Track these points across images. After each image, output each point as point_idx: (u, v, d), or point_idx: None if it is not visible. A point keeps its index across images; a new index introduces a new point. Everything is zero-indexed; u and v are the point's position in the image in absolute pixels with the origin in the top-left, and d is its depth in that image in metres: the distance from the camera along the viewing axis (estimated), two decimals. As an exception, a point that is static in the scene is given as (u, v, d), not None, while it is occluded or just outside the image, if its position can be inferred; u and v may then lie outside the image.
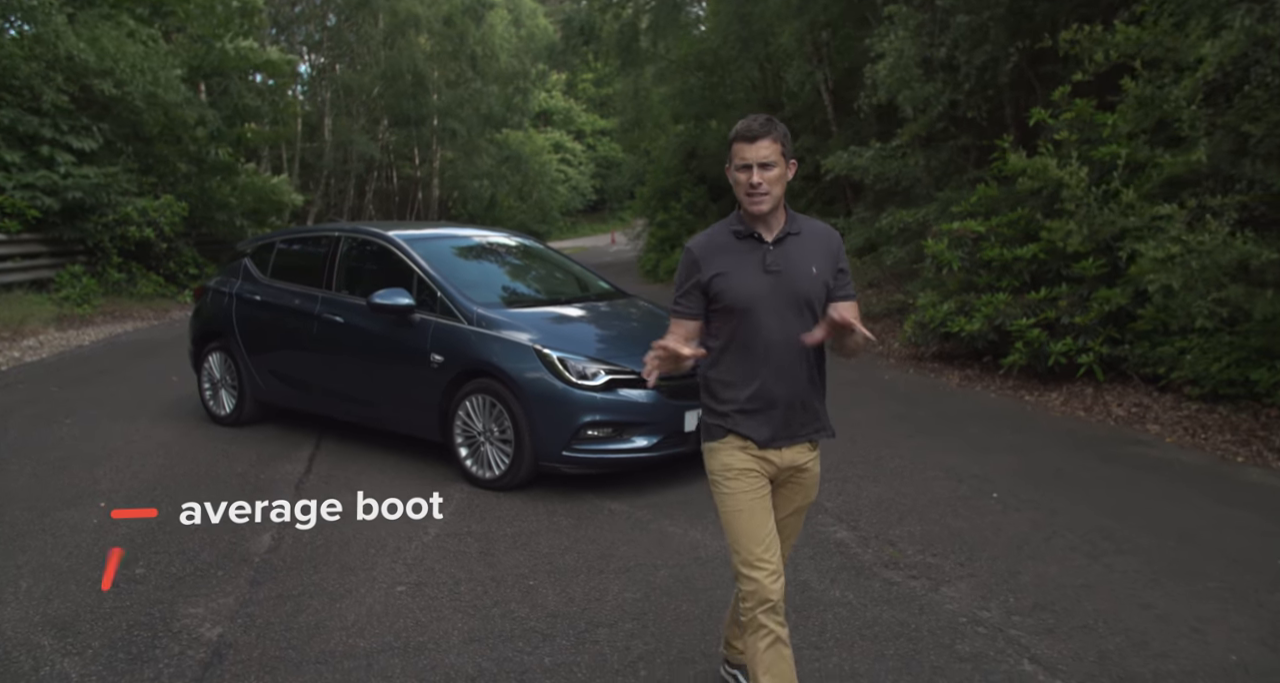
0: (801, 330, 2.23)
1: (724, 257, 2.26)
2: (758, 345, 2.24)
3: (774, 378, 2.24)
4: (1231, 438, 5.61)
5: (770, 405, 2.25)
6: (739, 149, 2.21)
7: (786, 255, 2.26)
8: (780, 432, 2.27)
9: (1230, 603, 3.27)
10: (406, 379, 4.96)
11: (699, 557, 3.78)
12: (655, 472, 4.79)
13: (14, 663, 2.81)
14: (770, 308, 2.23)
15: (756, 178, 2.19)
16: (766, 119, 2.22)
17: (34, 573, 3.53)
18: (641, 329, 5.22)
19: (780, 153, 2.21)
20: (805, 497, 2.41)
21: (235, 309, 5.94)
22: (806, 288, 2.25)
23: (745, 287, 2.23)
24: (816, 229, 2.36)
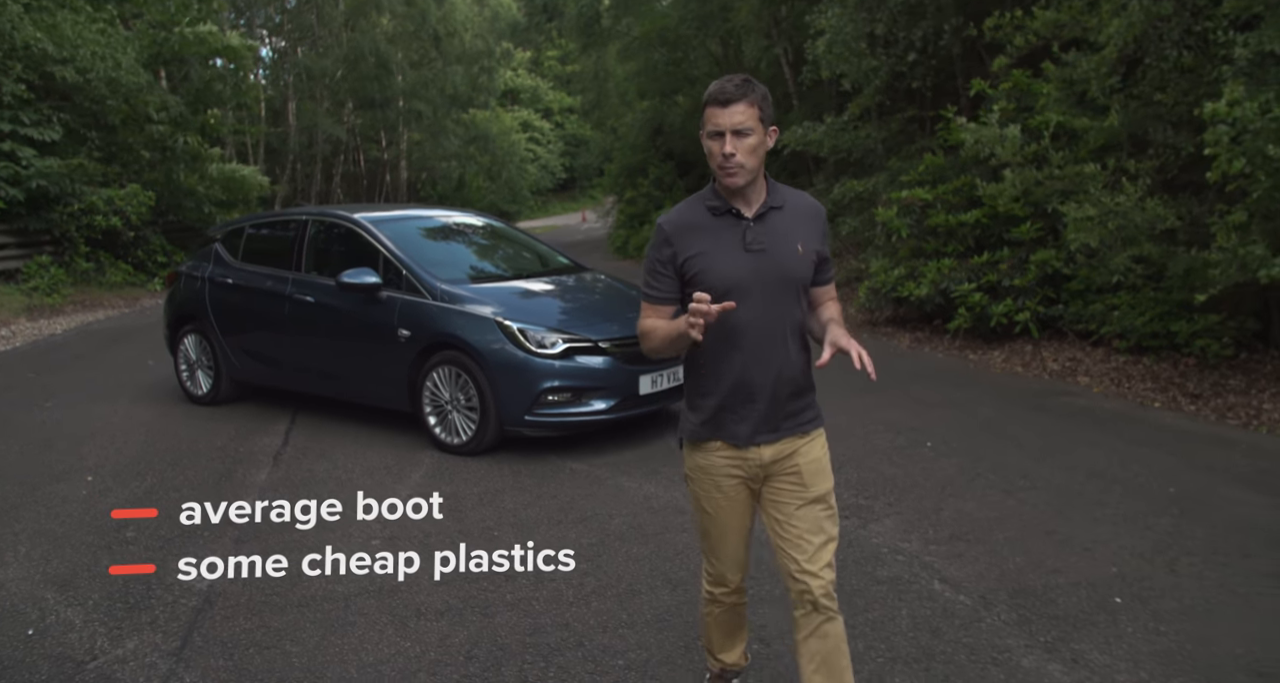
0: (787, 314, 2.05)
1: (699, 235, 2.04)
2: (738, 332, 2.03)
3: (757, 367, 2.04)
4: (1151, 386, 6.04)
5: (751, 398, 2.05)
6: (711, 114, 1.97)
7: (769, 232, 2.04)
8: (761, 427, 2.07)
9: (1122, 527, 3.66)
10: (376, 354, 5.23)
11: (651, 507, 4.11)
12: (612, 432, 5.11)
13: (21, 614, 3.08)
14: (752, 291, 2.01)
15: (730, 147, 1.95)
16: (743, 80, 1.98)
17: (31, 539, 3.78)
18: (599, 301, 5.52)
19: (758, 118, 1.97)
20: (810, 487, 2.11)
21: (208, 293, 6.16)
22: (792, 267, 2.05)
23: (725, 268, 2.01)
24: (801, 202, 2.14)
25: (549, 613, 3.14)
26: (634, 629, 2.99)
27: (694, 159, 23.13)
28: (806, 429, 2.12)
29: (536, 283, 5.64)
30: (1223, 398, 5.62)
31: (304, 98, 28.91)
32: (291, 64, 28.68)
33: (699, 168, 22.92)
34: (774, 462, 2.10)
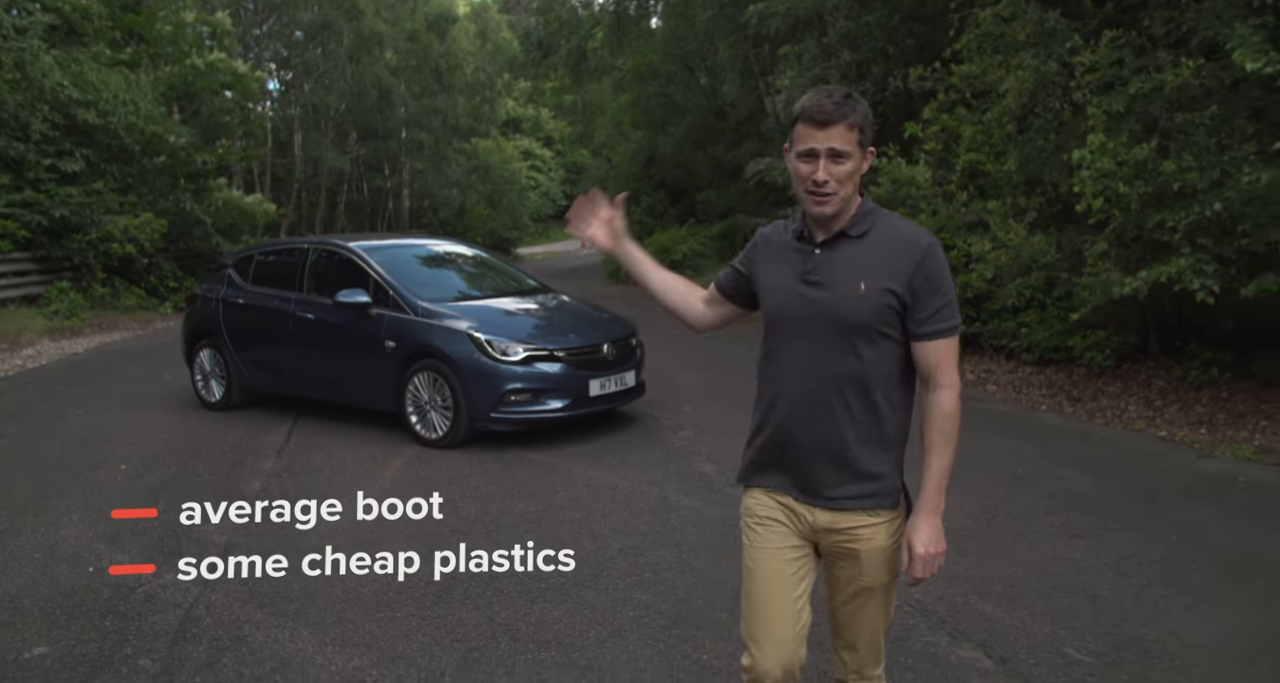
0: (840, 364, 1.74)
1: (774, 253, 1.85)
2: (777, 365, 1.81)
3: (795, 418, 1.77)
4: (1044, 392, 6.91)
5: (783, 445, 1.80)
6: (804, 133, 1.70)
7: (834, 264, 1.75)
8: (802, 483, 1.79)
9: (967, 496, 4.49)
10: (366, 362, 6.12)
11: (590, 485, 4.96)
12: (567, 429, 5.98)
13: (82, 558, 3.94)
14: (800, 329, 1.76)
15: (823, 173, 1.69)
16: (845, 96, 1.70)
17: (81, 510, 4.64)
18: (558, 317, 6.42)
19: (857, 142, 1.70)
20: (862, 578, 1.81)
21: (222, 311, 7.05)
22: (847, 308, 1.72)
23: (778, 296, 1.80)
24: (895, 232, 1.77)
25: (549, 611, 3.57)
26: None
27: (685, 187, 24.19)
28: (868, 506, 1.77)
29: (506, 302, 6.53)
30: (1098, 401, 6.49)
31: (309, 128, 30.10)
32: (298, 97, 29.91)
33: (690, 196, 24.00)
34: (828, 530, 1.79)
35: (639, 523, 4.32)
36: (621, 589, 3.55)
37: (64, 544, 4.13)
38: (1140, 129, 5.68)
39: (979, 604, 3.32)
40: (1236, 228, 5.30)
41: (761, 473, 1.86)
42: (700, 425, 6.28)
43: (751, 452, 1.89)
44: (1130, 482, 4.74)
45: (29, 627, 3.27)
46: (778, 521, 1.82)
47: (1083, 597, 3.36)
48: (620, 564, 3.81)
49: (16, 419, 7.03)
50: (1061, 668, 2.84)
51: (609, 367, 6.01)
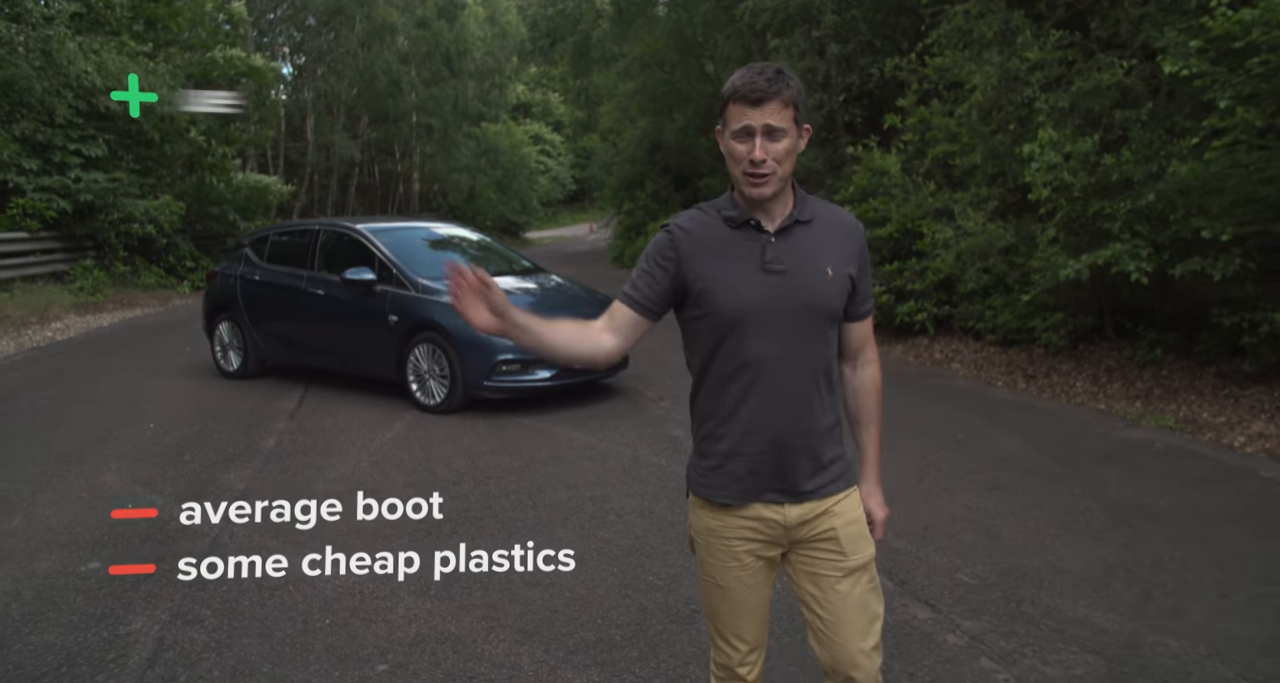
0: (812, 351, 1.70)
1: (711, 248, 1.71)
2: (750, 370, 1.69)
3: (771, 414, 1.69)
4: (1003, 370, 7.40)
5: (763, 451, 1.71)
6: (736, 112, 1.63)
7: (793, 250, 1.70)
8: (781, 484, 1.72)
9: (903, 458, 5.01)
10: (371, 335, 6.67)
11: (570, 446, 5.50)
12: (555, 397, 6.51)
13: (122, 500, 4.51)
14: (769, 320, 1.67)
15: (759, 152, 1.62)
16: (776, 72, 1.63)
17: (118, 460, 5.21)
18: (548, 294, 6.95)
19: (793, 118, 1.64)
20: (850, 555, 1.76)
21: (240, 287, 7.61)
22: (819, 294, 1.70)
23: (737, 291, 1.68)
24: (835, 218, 1.78)
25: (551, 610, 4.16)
26: (535, 511, 4.38)
27: (690, 173, 24.55)
28: (834, 490, 1.75)
29: (503, 280, 7.03)
30: (1050, 378, 6.98)
31: (321, 113, 30.63)
32: (310, 82, 30.42)
33: (694, 182, 24.37)
34: (802, 524, 1.74)
35: (610, 476, 4.86)
36: (587, 528, 4.09)
37: (105, 487, 4.71)
38: (1084, 124, 6.12)
39: (893, 542, 3.84)
40: (1169, 217, 5.76)
41: (729, 484, 1.73)
42: (678, 398, 6.79)
43: (717, 457, 1.73)
44: (1057, 446, 5.25)
45: (83, 548, 3.85)
46: (743, 538, 1.74)
47: (984, 536, 3.88)
48: (589, 509, 4.35)
49: (52, 384, 7.64)
50: (949, 588, 3.36)
51: (593, 341, 6.53)
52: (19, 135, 13.77)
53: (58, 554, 3.78)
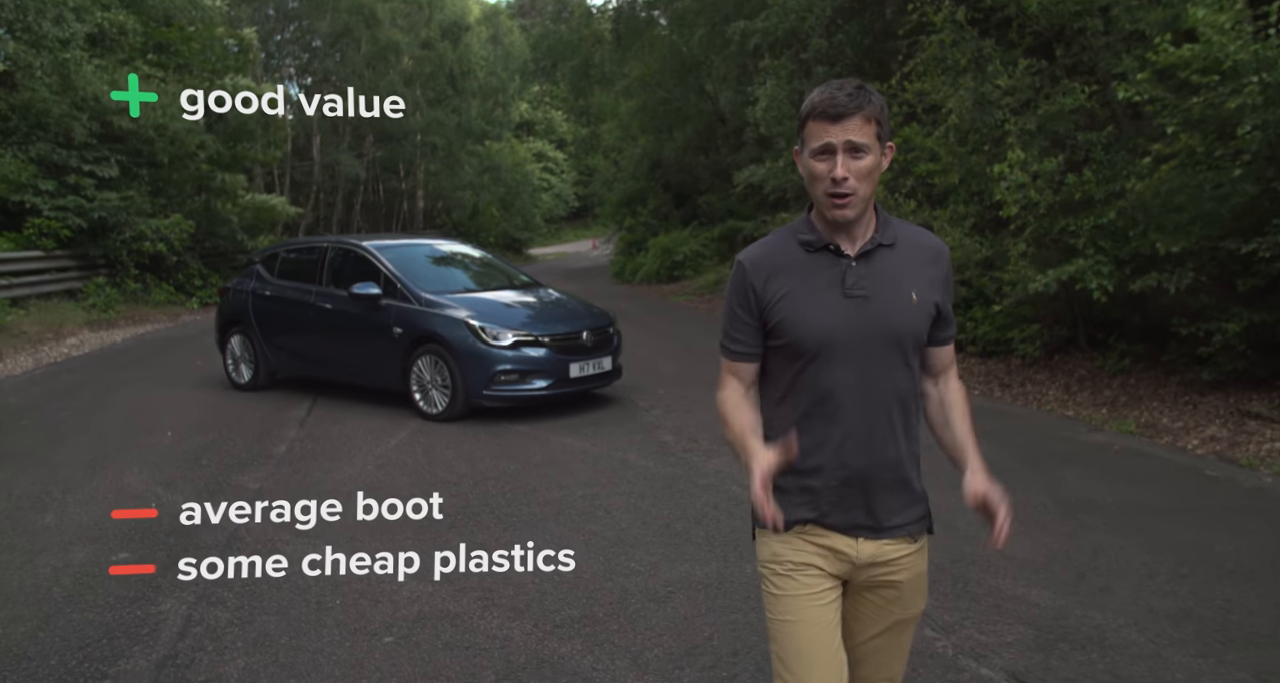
0: (895, 380, 1.64)
1: (788, 274, 1.65)
2: (832, 401, 1.63)
3: (853, 446, 1.63)
4: (981, 379, 7.73)
5: (846, 483, 1.64)
6: (816, 129, 1.58)
7: (876, 275, 1.64)
8: (858, 518, 1.66)
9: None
10: (376, 347, 7.02)
11: (565, 450, 5.83)
12: (551, 406, 6.85)
13: (146, 498, 4.85)
14: (851, 348, 1.61)
15: (841, 170, 1.56)
16: (857, 87, 1.58)
17: (139, 465, 5.56)
18: (545, 308, 7.31)
19: (875, 135, 1.58)
20: (904, 608, 1.73)
21: (251, 303, 7.98)
22: (902, 322, 1.63)
23: (817, 318, 1.62)
24: (919, 241, 1.72)
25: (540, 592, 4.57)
26: (529, 508, 4.70)
27: (690, 190, 24.98)
28: (915, 531, 1.69)
29: (501, 295, 7.42)
30: (1024, 387, 7.31)
31: (327, 133, 31.19)
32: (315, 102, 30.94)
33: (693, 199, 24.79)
34: (871, 564, 1.67)
35: (600, 477, 5.20)
36: (577, 522, 4.42)
37: (129, 488, 5.05)
38: (1050, 146, 6.49)
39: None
40: (1129, 233, 6.11)
41: (799, 514, 1.65)
42: (669, 405, 7.14)
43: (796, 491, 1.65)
44: (1022, 448, 5.57)
45: (113, 541, 4.19)
46: (813, 564, 1.66)
47: (942, 527, 4.17)
48: (579, 506, 4.68)
49: (72, 396, 8.00)
50: (905, 573, 3.68)
51: (588, 352, 6.89)
52: (35, 157, 14.23)
53: (90, 547, 4.12)
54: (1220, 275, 5.95)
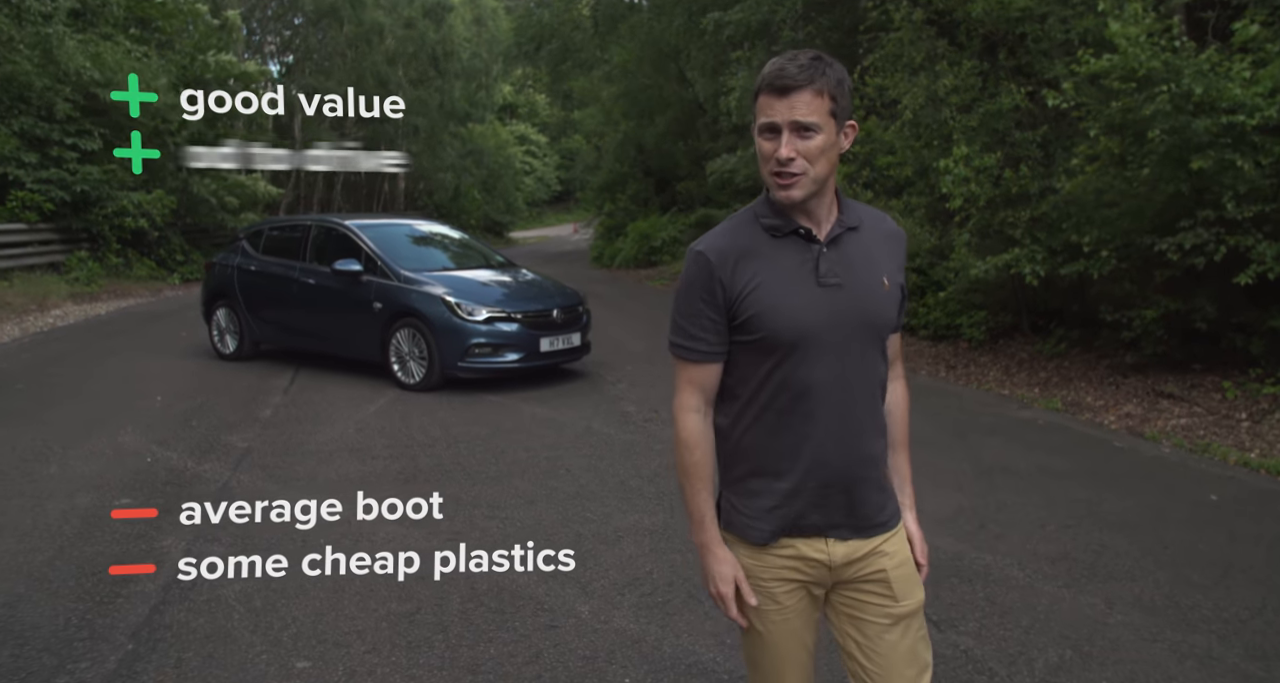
0: (871, 371, 1.54)
1: (755, 263, 1.51)
2: (810, 398, 1.50)
3: (834, 445, 1.51)
4: (929, 361, 8.23)
5: (826, 484, 1.53)
6: (764, 104, 1.46)
7: (847, 260, 1.52)
8: (837, 518, 1.55)
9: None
10: (357, 320, 7.39)
11: (534, 418, 6.25)
12: (522, 378, 7.27)
13: (140, 455, 5.22)
14: (829, 341, 1.49)
15: (786, 149, 1.44)
16: (811, 58, 1.45)
17: (133, 426, 5.91)
18: (519, 286, 7.70)
19: (828, 111, 1.44)
20: (901, 599, 1.59)
21: (236, 277, 8.31)
22: (877, 307, 1.52)
23: (794, 309, 1.48)
24: (878, 222, 1.61)
25: (504, 534, 5.17)
26: (497, 467, 5.13)
27: (672, 176, 25.33)
28: (892, 525, 1.60)
29: (477, 273, 7.80)
30: (968, 369, 7.81)
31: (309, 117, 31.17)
32: (298, 81, 30.97)
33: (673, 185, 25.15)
34: (848, 563, 1.58)
35: (565, 441, 5.63)
36: (540, 479, 4.85)
37: (125, 446, 5.42)
38: (991, 142, 6.95)
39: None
40: (1061, 225, 6.60)
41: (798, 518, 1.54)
42: (634, 380, 7.57)
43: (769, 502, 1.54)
44: (954, 423, 6.06)
45: (113, 489, 4.57)
46: (789, 578, 1.56)
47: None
48: (543, 465, 5.11)
49: (62, 363, 8.31)
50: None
51: (558, 328, 7.30)
52: (18, 130, 14.36)
53: (93, 494, 4.50)
54: (1143, 266, 6.45)
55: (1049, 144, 6.67)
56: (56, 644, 2.96)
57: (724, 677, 2.79)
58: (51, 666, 2.83)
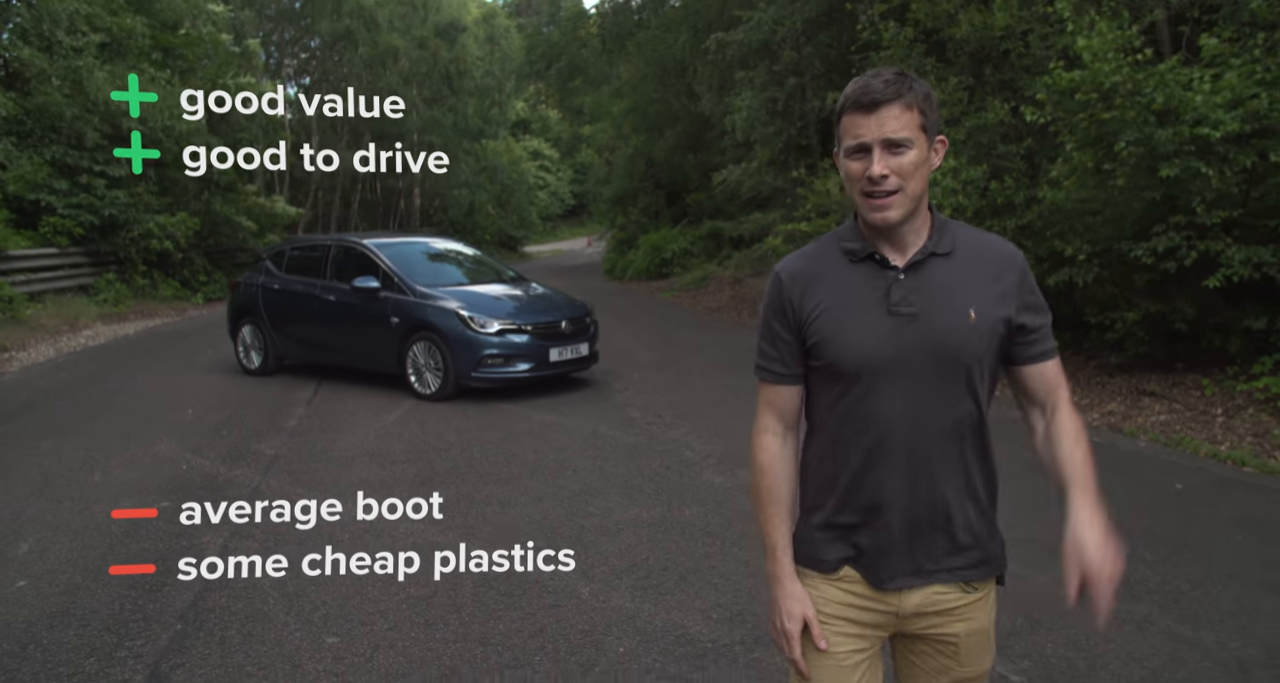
0: (950, 409, 1.44)
1: (828, 289, 1.47)
2: (875, 431, 1.44)
3: (898, 479, 1.44)
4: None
5: (887, 521, 1.45)
6: (851, 123, 1.40)
7: (927, 288, 1.44)
8: (902, 563, 1.47)
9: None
10: (375, 335, 7.78)
11: (544, 424, 6.60)
12: (533, 387, 7.62)
13: (177, 463, 5.61)
14: (898, 373, 1.42)
15: (879, 167, 1.37)
16: (896, 74, 1.39)
17: (168, 435, 6.31)
18: (529, 300, 8.08)
19: (919, 125, 1.39)
20: (962, 664, 1.52)
21: (261, 295, 8.73)
22: (957, 341, 1.42)
23: (858, 337, 1.43)
24: (981, 247, 1.49)
25: (511, 525, 5.57)
26: (508, 469, 5.47)
27: (682, 188, 25.73)
28: (970, 577, 1.49)
29: (489, 288, 8.18)
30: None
31: (326, 131, 31.91)
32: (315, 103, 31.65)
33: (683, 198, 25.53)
34: (919, 615, 1.49)
35: (572, 444, 5.96)
36: (547, 478, 5.19)
37: (162, 454, 5.81)
38: (977, 155, 7.26)
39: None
40: (1046, 234, 6.89)
41: (834, 553, 1.49)
42: (641, 388, 7.91)
43: (830, 535, 1.50)
44: (943, 422, 6.33)
45: (153, 494, 4.95)
46: (845, 618, 1.48)
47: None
48: (551, 466, 5.45)
49: (98, 381, 8.76)
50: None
51: (566, 339, 7.65)
52: (50, 158, 14.97)
53: (135, 497, 4.88)
54: (1125, 270, 6.73)
55: (1033, 156, 6.97)
56: (115, 625, 3.32)
57: (708, 645, 3.10)
58: (112, 643, 3.19)
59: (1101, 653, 2.95)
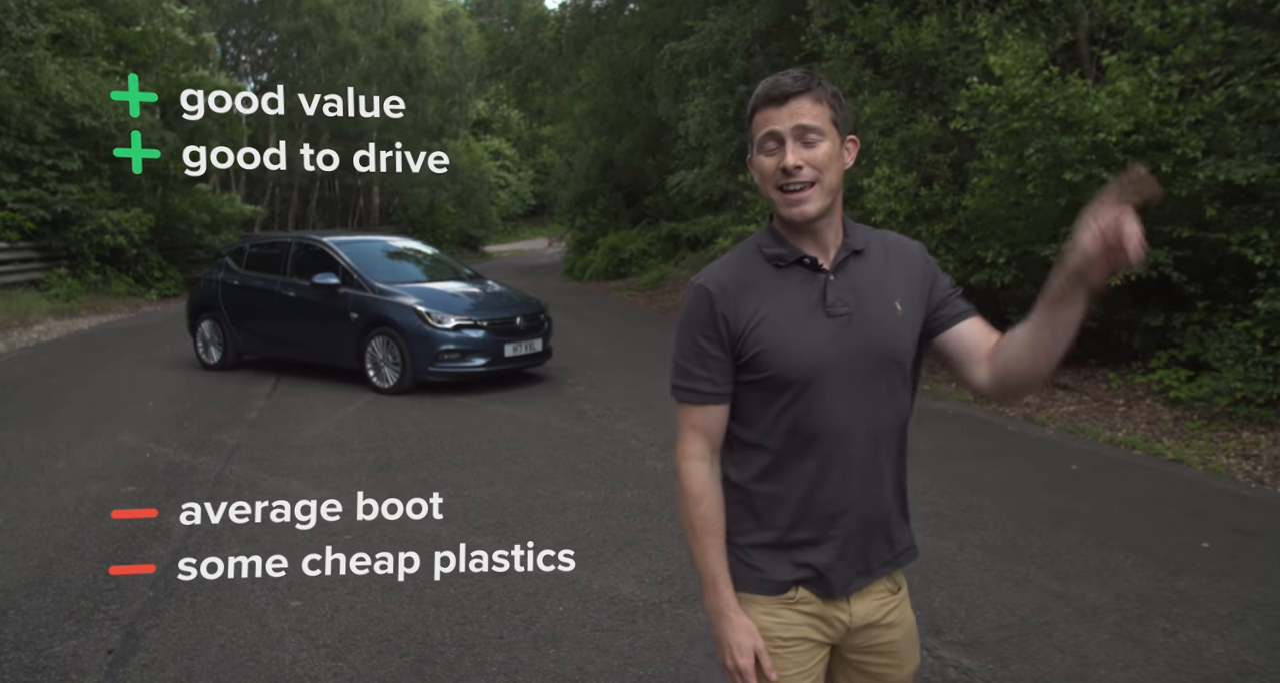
0: (889, 406, 1.42)
1: (760, 297, 1.41)
2: (825, 439, 1.39)
3: (856, 482, 1.41)
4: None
5: (846, 527, 1.42)
6: (762, 119, 1.37)
7: (857, 287, 1.42)
8: (854, 566, 1.45)
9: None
10: (334, 330, 8.01)
11: (498, 416, 6.90)
12: (488, 381, 7.91)
13: (140, 450, 5.81)
14: (843, 376, 1.38)
15: (793, 157, 1.33)
16: (805, 72, 1.38)
17: (130, 425, 6.49)
18: (486, 297, 8.36)
19: (830, 119, 1.36)
20: (904, 666, 1.53)
21: (220, 291, 8.89)
22: (891, 336, 1.40)
23: (801, 346, 1.38)
24: (889, 242, 1.50)
25: (465, 508, 5.87)
26: (463, 456, 5.76)
27: (641, 190, 26.08)
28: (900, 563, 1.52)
29: (446, 285, 8.45)
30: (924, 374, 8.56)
31: (284, 128, 31.69)
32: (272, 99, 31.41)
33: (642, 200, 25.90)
34: (866, 626, 1.49)
35: (524, 434, 6.28)
36: (500, 464, 5.50)
37: (124, 443, 6.00)
38: (909, 163, 7.74)
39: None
40: (970, 238, 7.38)
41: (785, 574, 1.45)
42: (593, 382, 8.24)
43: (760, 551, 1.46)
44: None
45: (119, 477, 5.16)
46: (804, 638, 1.47)
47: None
48: (504, 453, 5.76)
49: (54, 374, 8.84)
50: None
51: (521, 335, 7.96)
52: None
53: (102, 483, 5.08)
54: (1042, 272, 7.24)
55: (958, 165, 7.46)
56: (90, 592, 3.57)
57: (639, 604, 3.46)
58: (88, 607, 3.44)
59: (980, 605, 3.37)
